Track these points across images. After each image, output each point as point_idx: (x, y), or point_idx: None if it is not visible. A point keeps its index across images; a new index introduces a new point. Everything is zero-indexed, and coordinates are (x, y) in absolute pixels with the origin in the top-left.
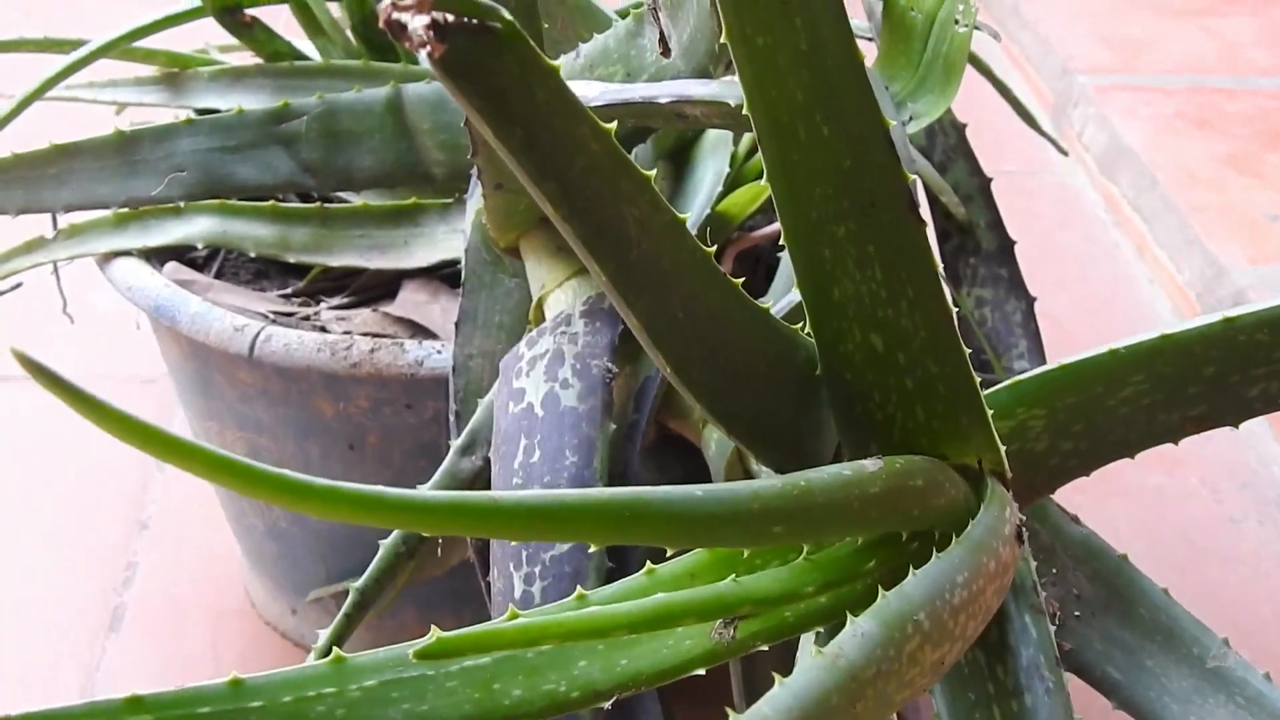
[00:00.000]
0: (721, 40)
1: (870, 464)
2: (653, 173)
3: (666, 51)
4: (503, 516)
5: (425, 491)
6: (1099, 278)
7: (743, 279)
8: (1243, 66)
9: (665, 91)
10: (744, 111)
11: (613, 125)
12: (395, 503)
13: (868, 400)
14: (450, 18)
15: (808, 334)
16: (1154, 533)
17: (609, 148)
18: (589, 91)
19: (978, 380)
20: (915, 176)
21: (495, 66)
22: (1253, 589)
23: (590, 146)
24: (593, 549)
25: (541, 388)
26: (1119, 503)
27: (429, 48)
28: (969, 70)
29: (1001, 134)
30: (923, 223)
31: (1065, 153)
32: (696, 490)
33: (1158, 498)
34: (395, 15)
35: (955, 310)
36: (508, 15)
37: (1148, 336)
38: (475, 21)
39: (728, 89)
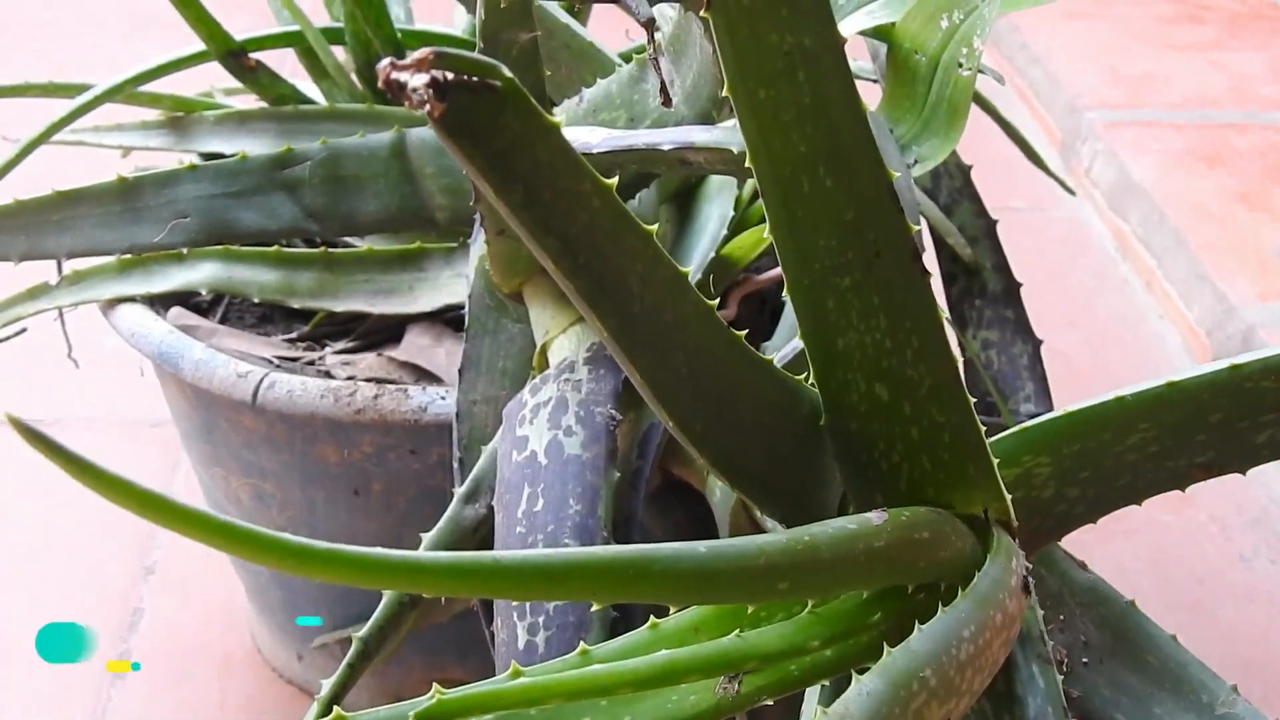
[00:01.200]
0: (725, 92)
1: (875, 517)
2: (654, 228)
3: (668, 101)
4: (506, 577)
5: (427, 553)
6: (1108, 314)
7: (746, 331)
8: (1252, 100)
9: (668, 138)
10: (747, 164)
11: (613, 181)
12: (397, 565)
13: (873, 450)
14: (450, 75)
15: (812, 384)
16: (1163, 570)
17: (611, 204)
18: (592, 138)
19: (983, 429)
20: (921, 219)
21: (496, 124)
22: (1264, 627)
23: (592, 202)
24: None
25: (545, 435)
26: (1128, 540)
27: (429, 106)
28: (975, 106)
29: (1009, 170)
30: (927, 273)
31: (1073, 192)
32: (701, 547)
33: (1167, 535)
34: (395, 75)
35: (961, 353)
36: (508, 73)
37: (1154, 384)
38: (476, 79)
39: (731, 135)
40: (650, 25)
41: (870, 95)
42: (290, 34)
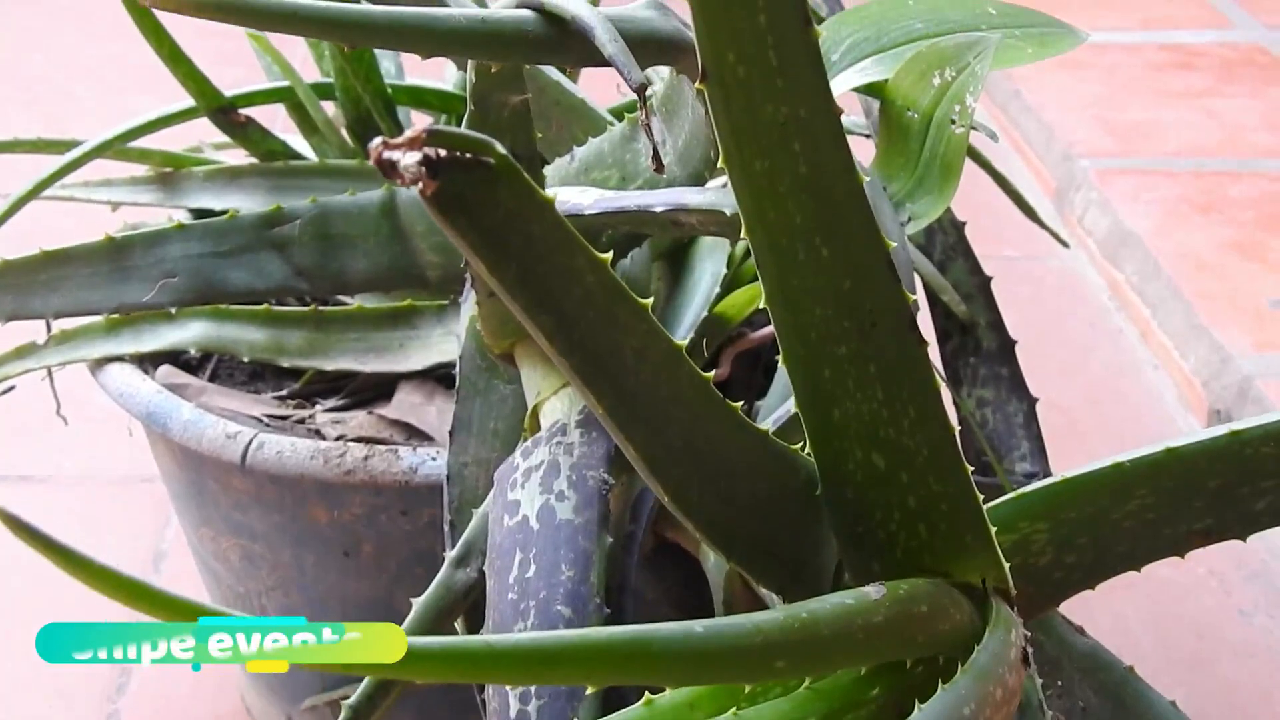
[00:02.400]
0: (720, 163)
1: (873, 591)
2: (649, 301)
3: (660, 168)
4: (499, 661)
5: (420, 640)
6: (1103, 364)
7: (742, 402)
8: (1245, 149)
9: (661, 200)
10: (742, 235)
11: (608, 256)
12: None
13: (869, 519)
14: (443, 152)
15: (807, 454)
16: (1162, 626)
17: (605, 278)
18: (584, 198)
19: (981, 497)
20: (915, 276)
21: (489, 201)
22: (1264, 682)
23: (586, 278)
24: None
25: (537, 500)
26: (1127, 595)
27: (421, 184)
28: (968, 157)
29: (1002, 218)
30: (924, 342)
31: (1066, 245)
32: (697, 627)
33: (1166, 590)
34: (387, 155)
35: (956, 411)
36: (501, 149)
37: (1152, 450)
38: (469, 155)
39: (723, 197)
40: (643, 91)
41: (863, 150)
42: (280, 89)
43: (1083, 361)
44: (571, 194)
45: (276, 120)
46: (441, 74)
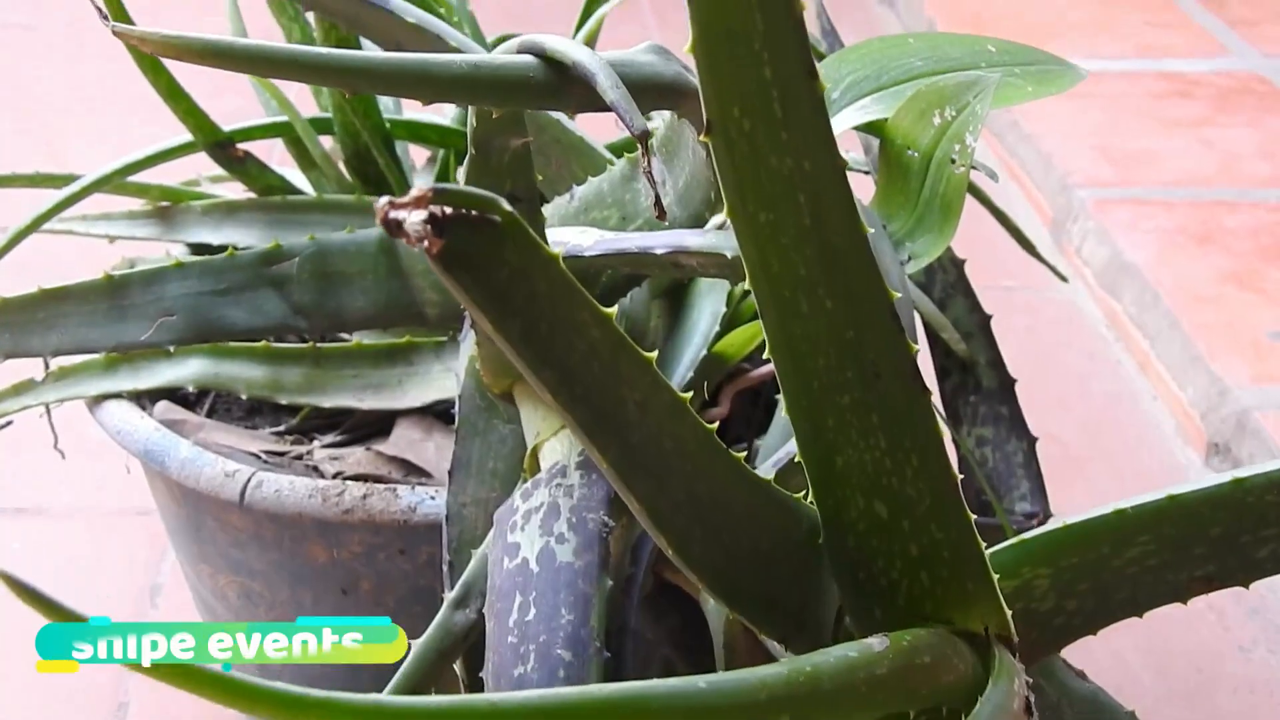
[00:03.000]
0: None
1: (876, 643)
2: (653, 355)
3: (662, 214)
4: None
5: (421, 700)
6: (1101, 395)
7: (741, 442)
8: (1243, 178)
9: (661, 242)
10: (746, 285)
11: (613, 310)
12: (394, 712)
13: (871, 566)
14: (448, 210)
15: (810, 502)
16: (1162, 661)
17: (609, 332)
18: (584, 240)
19: (983, 545)
20: (915, 314)
21: (494, 258)
22: (1264, 717)
23: (590, 332)
24: None
25: (537, 542)
26: (1126, 631)
27: (427, 243)
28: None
29: (1000, 249)
30: (927, 391)
31: (1065, 279)
32: (700, 682)
33: (1165, 626)
34: (393, 214)
35: (955, 450)
36: (507, 206)
37: (1154, 497)
38: (474, 213)
39: (724, 240)
40: (644, 138)
41: (862, 187)
42: (278, 124)
43: (1081, 392)
44: (572, 235)
45: (272, 152)
46: (440, 109)
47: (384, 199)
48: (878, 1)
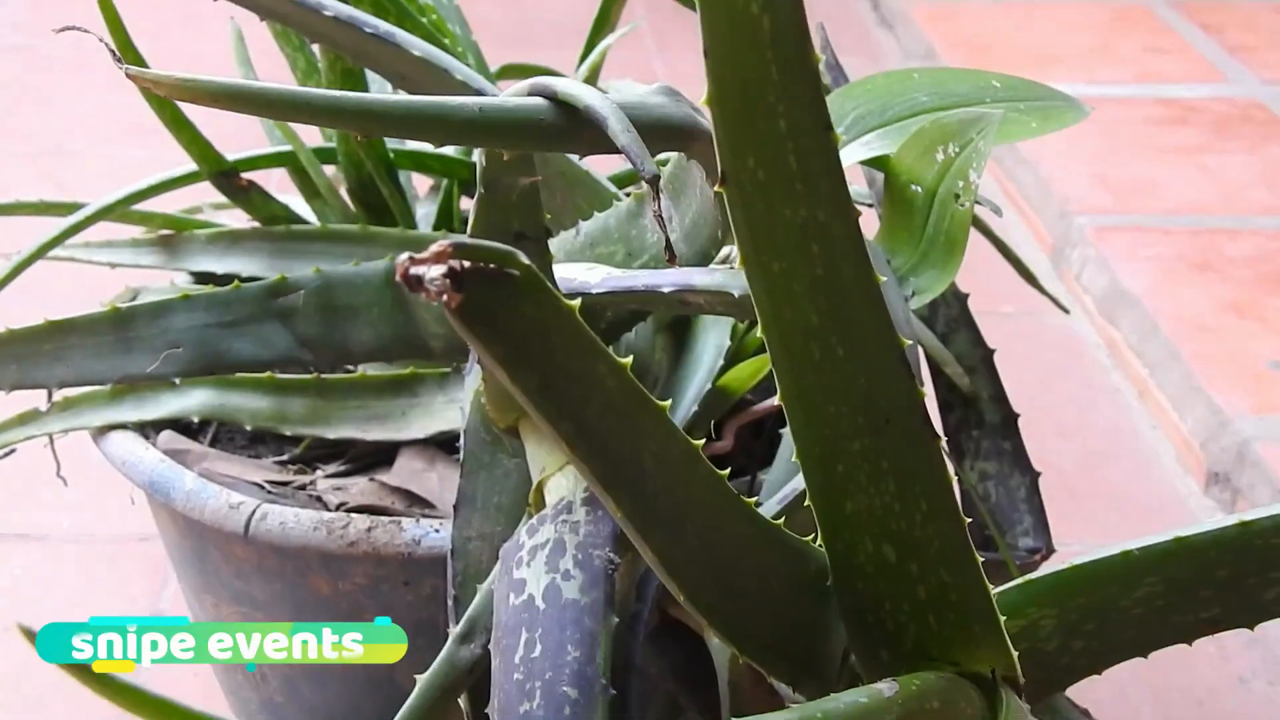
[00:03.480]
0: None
1: (886, 688)
2: (666, 403)
3: (673, 258)
4: None
5: None
6: (1100, 424)
7: (745, 476)
8: (1242, 206)
9: (668, 280)
10: (759, 333)
11: (628, 361)
12: None
13: (879, 609)
14: (466, 264)
15: (819, 545)
16: (1161, 693)
17: (625, 383)
18: (591, 277)
19: (991, 589)
20: (918, 348)
21: (512, 311)
22: None
23: (607, 384)
24: None
25: (543, 579)
26: (1126, 664)
27: (446, 297)
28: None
29: (999, 276)
30: (937, 437)
31: (1067, 310)
32: None
33: (1165, 657)
34: (413, 270)
35: (957, 484)
36: (525, 260)
37: (1161, 539)
38: (492, 266)
39: (731, 279)
40: (655, 182)
41: (866, 220)
42: (282, 154)
43: (1080, 420)
44: (579, 272)
45: (272, 179)
46: None
47: (404, 255)
48: (877, 25)
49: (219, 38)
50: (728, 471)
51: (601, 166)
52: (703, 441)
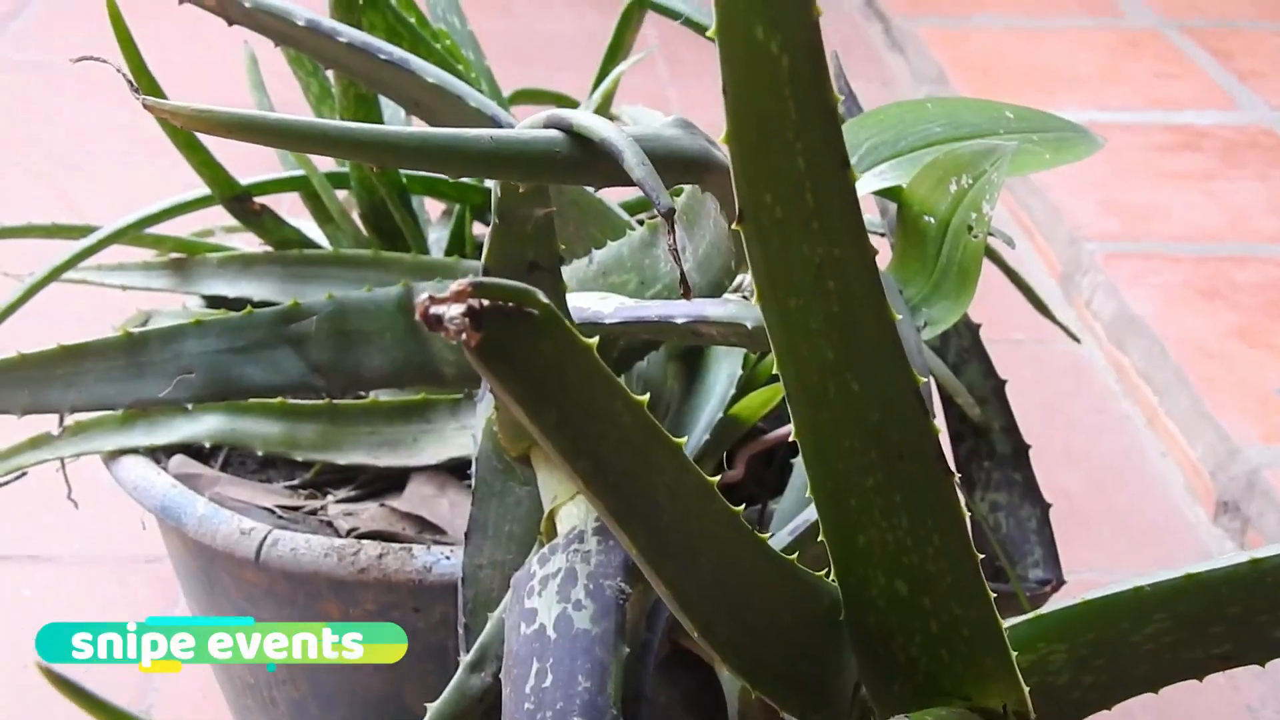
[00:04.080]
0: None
1: None
2: (682, 440)
3: (688, 292)
4: None
5: None
6: (1109, 450)
7: (756, 505)
8: (1250, 233)
9: (681, 311)
10: (775, 369)
11: (645, 399)
12: None
13: (890, 642)
14: (485, 303)
15: (832, 580)
16: None
17: (640, 419)
18: (604, 307)
19: (1003, 623)
20: (929, 377)
21: (530, 349)
22: None
23: (623, 420)
24: None
25: (554, 609)
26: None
27: (465, 336)
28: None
29: (1009, 302)
30: (950, 472)
31: (1078, 340)
32: None
33: (1174, 686)
34: (434, 310)
35: (968, 515)
36: (544, 298)
37: (1172, 575)
38: (511, 305)
39: (745, 310)
40: (670, 216)
41: (878, 250)
42: (295, 179)
43: (1089, 446)
44: (591, 301)
45: (283, 203)
46: None
47: (424, 295)
48: (888, 48)
49: (229, 51)
50: (742, 508)
51: (614, 194)
52: (716, 479)
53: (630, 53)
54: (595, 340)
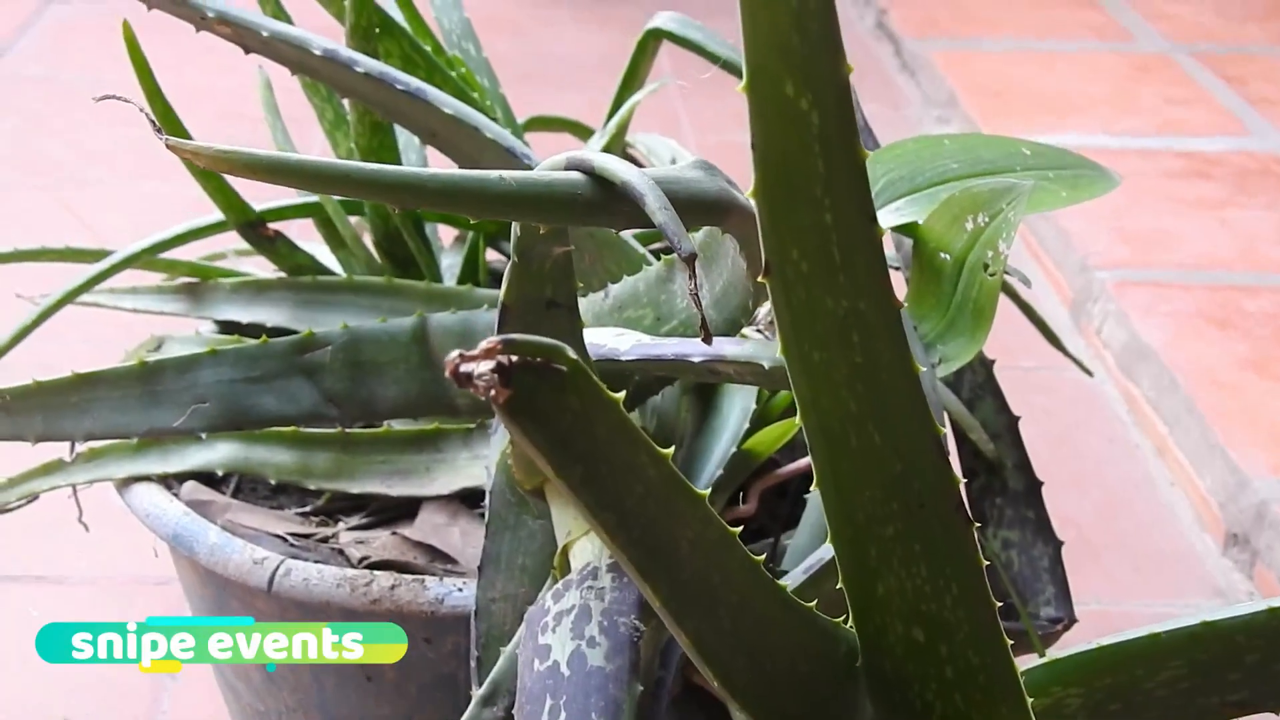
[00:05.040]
0: (760, 304)
1: None
2: (706, 492)
3: (708, 337)
4: None
5: None
6: (1118, 479)
7: (769, 539)
8: (1261, 261)
9: (699, 350)
10: (799, 422)
11: (669, 451)
12: None
13: (907, 689)
14: (514, 359)
15: (849, 626)
16: None
17: (665, 471)
18: (620, 344)
19: (1019, 669)
20: (943, 413)
21: (558, 405)
22: None
23: (647, 473)
24: None
25: (568, 645)
26: None
27: (494, 392)
28: None
29: (1019, 329)
30: (970, 521)
31: (1090, 374)
32: None
33: None
34: (464, 368)
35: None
36: (572, 354)
37: (1189, 622)
38: (540, 360)
39: (761, 350)
40: (692, 261)
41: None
42: (309, 204)
43: (1097, 475)
44: (608, 338)
45: (296, 227)
46: None
47: (454, 352)
48: (899, 70)
49: (241, 71)
50: (762, 557)
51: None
52: (737, 529)
53: (645, 82)
54: (622, 395)
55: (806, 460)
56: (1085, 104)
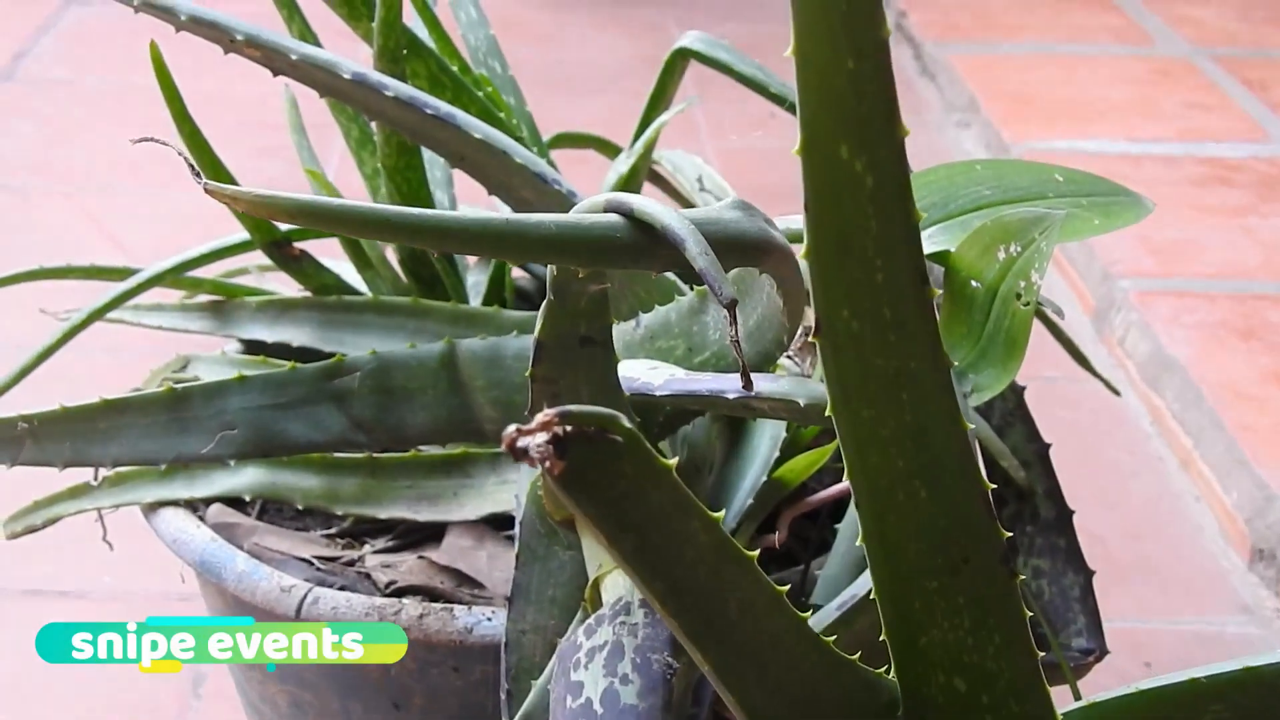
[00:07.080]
0: (797, 335)
1: None
2: (755, 553)
3: (749, 384)
4: None
5: None
6: (1142, 493)
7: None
8: None
9: (733, 386)
10: (847, 472)
11: (720, 514)
12: None
13: None
14: (569, 429)
15: (891, 676)
16: None
17: (716, 536)
18: (654, 378)
19: (1059, 716)
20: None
21: (612, 474)
22: None
23: (699, 539)
24: None
25: (601, 683)
26: None
27: (549, 464)
28: None
29: (1041, 338)
30: (1015, 574)
31: (1118, 393)
32: None
33: None
34: (520, 442)
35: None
36: (627, 423)
37: (1230, 667)
38: (594, 430)
39: (797, 386)
40: (733, 307)
41: None
42: None
43: (1121, 489)
44: (641, 372)
45: (319, 245)
46: (496, 205)
47: (511, 427)
48: (919, 74)
49: (259, 76)
50: (786, 588)
51: None
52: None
53: (671, 102)
54: (674, 461)
55: (838, 487)
56: (1107, 109)
